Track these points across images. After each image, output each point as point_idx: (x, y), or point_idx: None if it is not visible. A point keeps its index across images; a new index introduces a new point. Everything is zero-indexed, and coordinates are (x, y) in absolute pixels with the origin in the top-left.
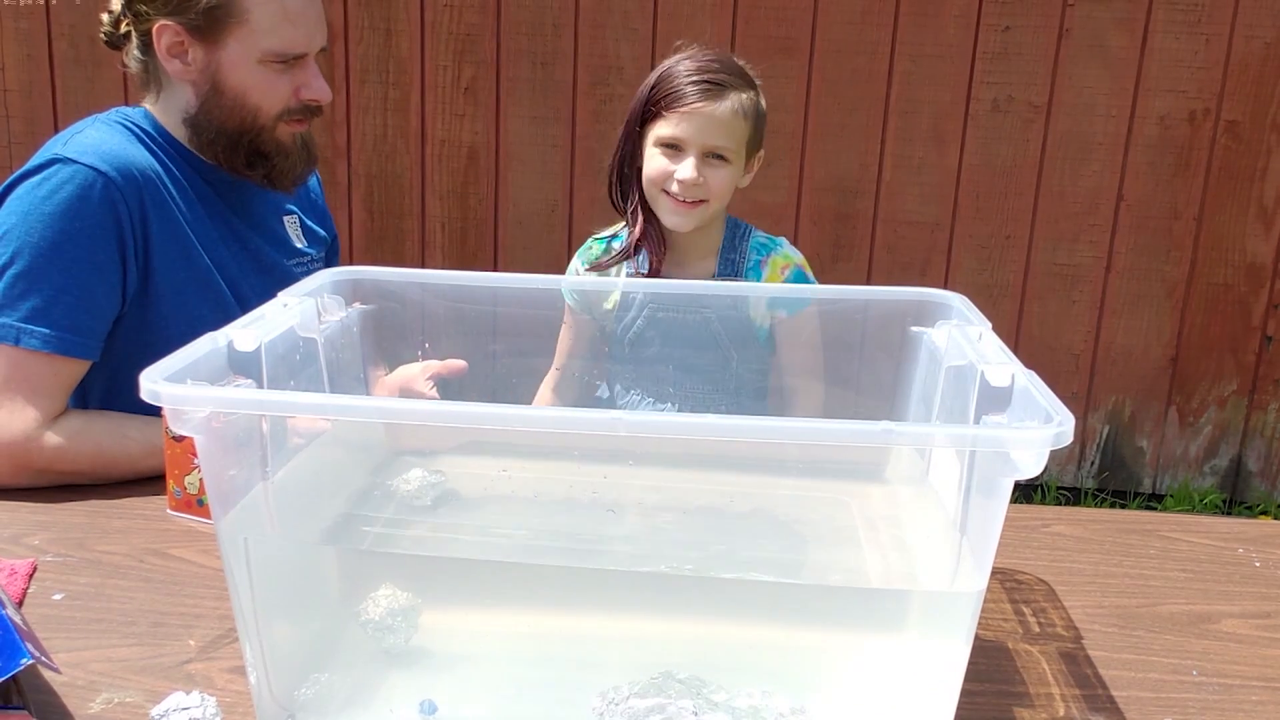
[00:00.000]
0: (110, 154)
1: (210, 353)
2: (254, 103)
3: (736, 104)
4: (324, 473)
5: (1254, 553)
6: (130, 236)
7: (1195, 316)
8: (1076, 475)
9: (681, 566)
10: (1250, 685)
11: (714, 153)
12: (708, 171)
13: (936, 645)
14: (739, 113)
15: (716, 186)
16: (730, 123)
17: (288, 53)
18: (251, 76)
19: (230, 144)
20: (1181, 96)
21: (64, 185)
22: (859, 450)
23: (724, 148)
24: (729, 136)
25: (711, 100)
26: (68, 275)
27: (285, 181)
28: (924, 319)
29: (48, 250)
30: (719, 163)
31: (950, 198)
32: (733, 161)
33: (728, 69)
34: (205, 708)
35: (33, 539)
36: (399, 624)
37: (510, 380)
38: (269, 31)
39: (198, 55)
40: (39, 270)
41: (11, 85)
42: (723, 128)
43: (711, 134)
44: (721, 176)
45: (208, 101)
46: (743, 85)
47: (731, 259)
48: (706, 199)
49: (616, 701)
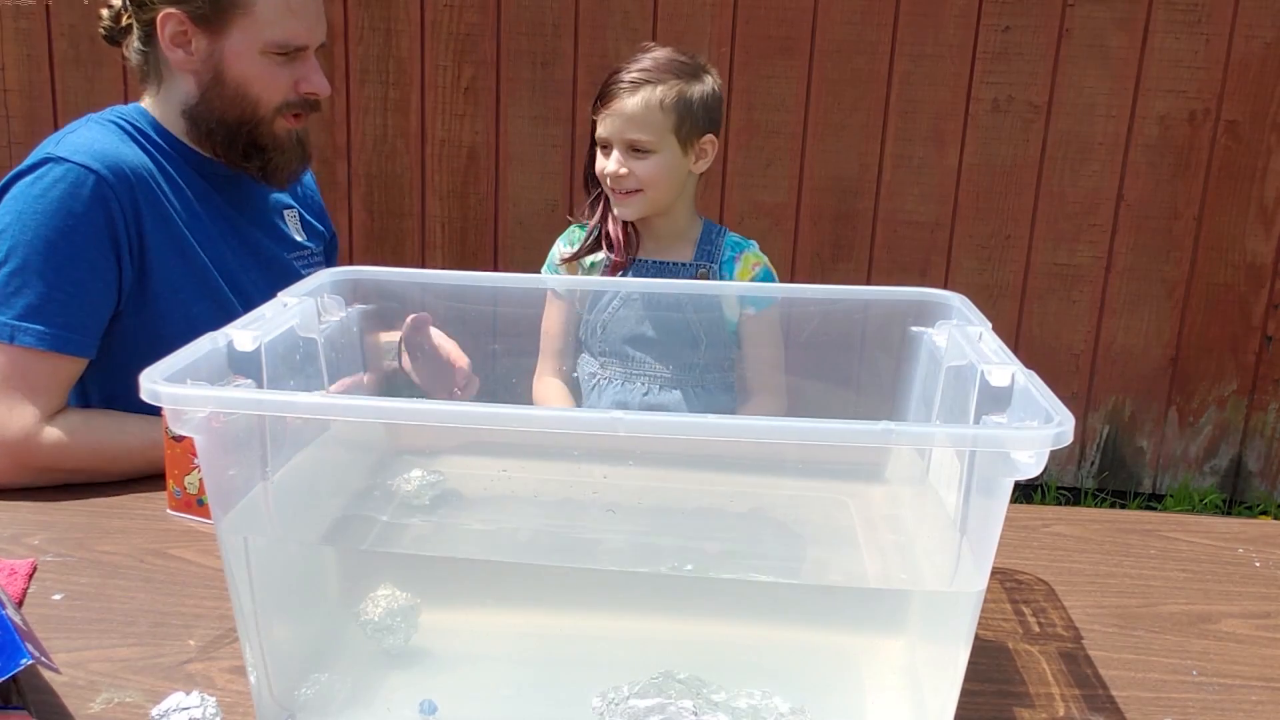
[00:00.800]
0: (102, 152)
1: (210, 353)
2: (255, 94)
3: (649, 97)
4: (324, 473)
5: (1254, 553)
6: (124, 234)
7: (1195, 316)
8: (1076, 475)
9: (681, 566)
10: (1250, 685)
11: (634, 145)
12: (632, 163)
13: (936, 645)
14: (653, 105)
15: (645, 175)
16: (643, 115)
17: (290, 44)
18: (254, 67)
19: (229, 135)
20: (1181, 96)
21: (56, 184)
22: (859, 450)
23: (640, 140)
24: (643, 129)
25: (623, 98)
26: (61, 273)
27: (279, 176)
28: (924, 319)
29: (41, 248)
30: (641, 154)
31: (950, 198)
32: (658, 151)
33: (654, 66)
34: (205, 708)
35: (32, 539)
36: (399, 624)
37: (510, 380)
38: (272, 22)
39: (201, 45)
40: (33, 268)
41: (11, 85)
42: (634, 121)
43: (625, 129)
44: (648, 166)
45: (209, 92)
46: (666, 79)
47: (708, 250)
48: (640, 188)
49: (616, 702)
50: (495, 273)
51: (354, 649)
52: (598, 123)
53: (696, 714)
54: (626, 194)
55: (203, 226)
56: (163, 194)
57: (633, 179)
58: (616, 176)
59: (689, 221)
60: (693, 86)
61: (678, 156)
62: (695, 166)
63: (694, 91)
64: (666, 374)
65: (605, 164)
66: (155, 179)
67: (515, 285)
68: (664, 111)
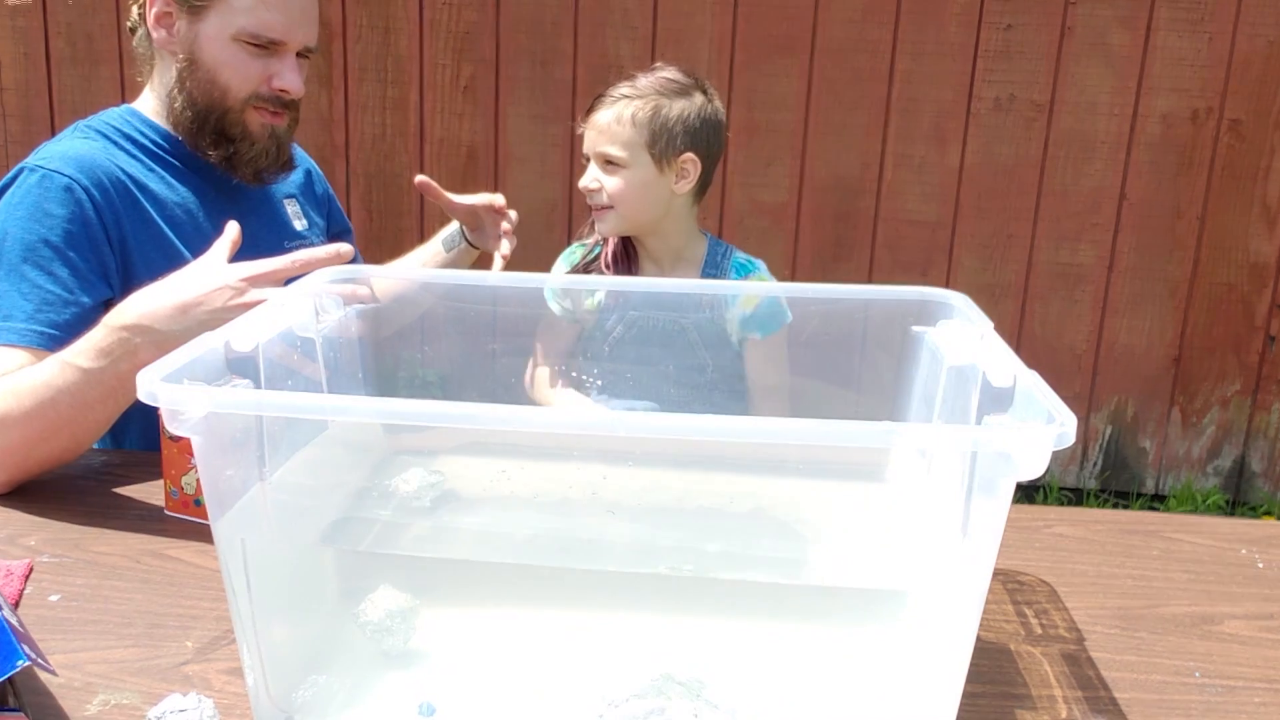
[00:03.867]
0: (76, 158)
1: (207, 353)
2: (224, 80)
3: (621, 112)
4: (322, 473)
5: (1257, 554)
6: (103, 233)
7: (1198, 316)
8: (1079, 476)
9: (681, 567)
10: (1253, 687)
11: (605, 159)
12: (604, 178)
13: (937, 646)
14: (625, 119)
15: (613, 190)
16: (611, 129)
17: (262, 35)
18: (224, 53)
19: (198, 120)
20: (1184, 95)
21: (31, 190)
22: (859, 450)
23: (610, 154)
24: (611, 142)
25: (599, 111)
26: (41, 272)
27: (246, 170)
28: (925, 319)
29: (20, 250)
30: (611, 169)
31: (952, 197)
32: (627, 166)
33: (642, 83)
34: (202, 709)
35: (29, 540)
36: (397, 625)
37: (510, 380)
38: (245, 10)
39: (181, 27)
40: (13, 271)
41: (8, 84)
42: (604, 135)
43: (595, 141)
44: (615, 182)
45: (183, 73)
46: (647, 94)
47: (713, 274)
48: (610, 204)
49: (616, 703)
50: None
51: (352, 650)
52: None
53: (696, 716)
54: (600, 209)
55: (193, 224)
56: (144, 197)
57: (603, 194)
58: (587, 190)
59: (687, 241)
60: (674, 103)
61: (652, 174)
62: (677, 186)
63: (673, 108)
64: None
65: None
66: (136, 183)
67: (515, 285)
68: (635, 126)
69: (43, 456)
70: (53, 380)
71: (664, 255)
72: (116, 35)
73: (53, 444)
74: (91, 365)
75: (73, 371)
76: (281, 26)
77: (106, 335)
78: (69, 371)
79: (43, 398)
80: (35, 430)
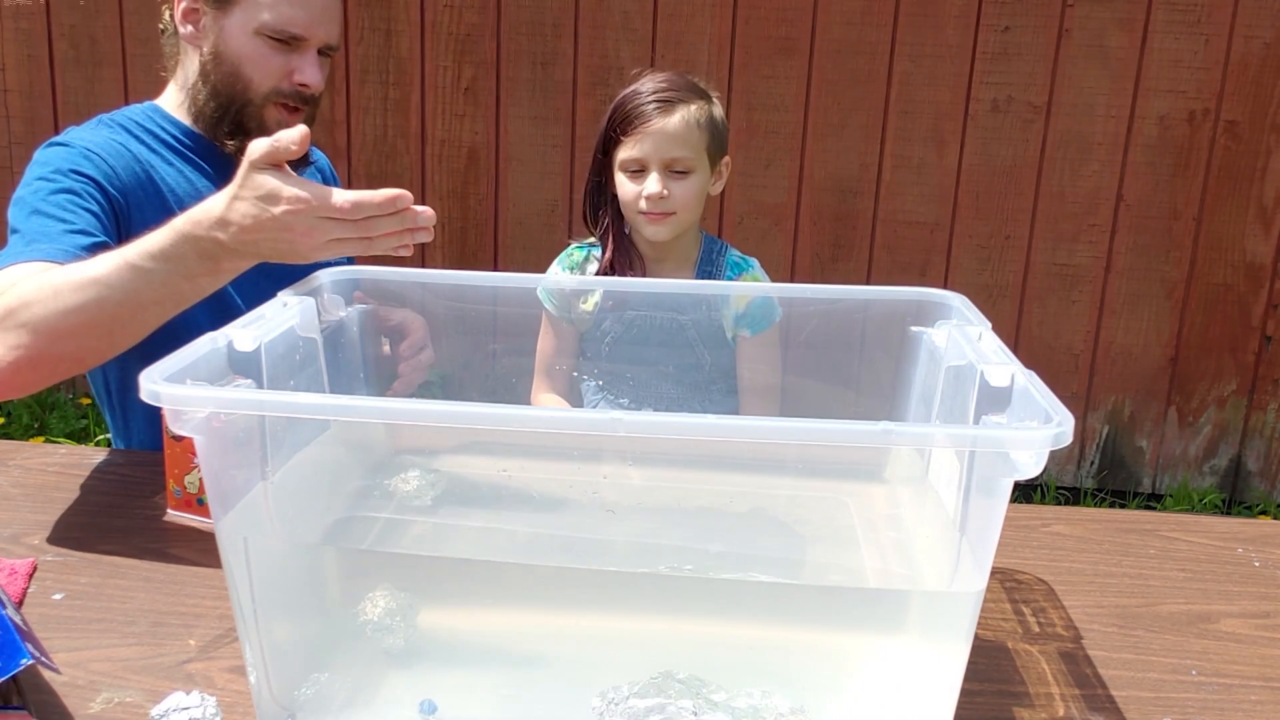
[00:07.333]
0: (95, 142)
1: (210, 353)
2: (247, 74)
3: (687, 116)
4: (323, 473)
5: (1253, 552)
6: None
7: (1195, 316)
8: (1076, 475)
9: (681, 566)
10: (1249, 685)
11: (674, 166)
12: (671, 184)
13: (936, 645)
14: (691, 124)
15: (682, 197)
16: (684, 134)
17: (283, 30)
18: (246, 47)
19: (219, 112)
20: (1181, 97)
21: (54, 157)
22: (859, 450)
23: (682, 159)
24: (684, 147)
25: (662, 116)
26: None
27: None
28: (924, 319)
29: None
30: (680, 175)
31: (950, 198)
32: (695, 171)
33: (676, 85)
34: (205, 707)
35: (33, 538)
36: (398, 624)
37: (510, 380)
38: (268, 5)
39: (207, 21)
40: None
41: (12, 86)
42: (677, 140)
43: (667, 148)
44: (685, 187)
45: (207, 66)
46: (693, 98)
47: (708, 272)
48: (675, 210)
49: (616, 701)
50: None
51: (354, 649)
52: (623, 146)
53: (696, 714)
54: (661, 216)
55: None
56: (159, 183)
57: (670, 200)
58: (658, 199)
59: (693, 240)
60: (714, 107)
61: (707, 176)
62: (713, 188)
63: (716, 112)
64: (671, 394)
65: (638, 187)
66: (152, 169)
67: (515, 285)
68: (700, 130)
69: (72, 350)
70: (107, 277)
71: (668, 254)
72: (120, 38)
73: (90, 340)
74: (154, 266)
75: (129, 270)
76: (303, 22)
77: (173, 238)
78: (125, 270)
79: (105, 286)
80: (85, 319)
